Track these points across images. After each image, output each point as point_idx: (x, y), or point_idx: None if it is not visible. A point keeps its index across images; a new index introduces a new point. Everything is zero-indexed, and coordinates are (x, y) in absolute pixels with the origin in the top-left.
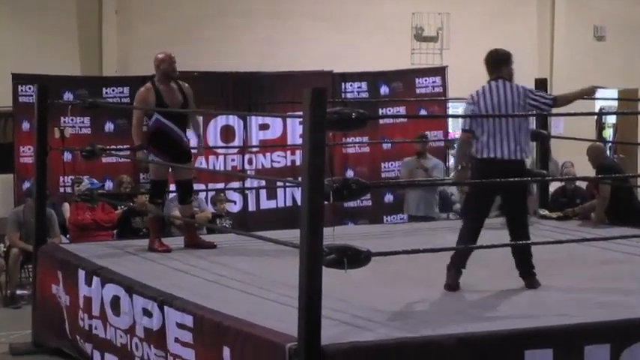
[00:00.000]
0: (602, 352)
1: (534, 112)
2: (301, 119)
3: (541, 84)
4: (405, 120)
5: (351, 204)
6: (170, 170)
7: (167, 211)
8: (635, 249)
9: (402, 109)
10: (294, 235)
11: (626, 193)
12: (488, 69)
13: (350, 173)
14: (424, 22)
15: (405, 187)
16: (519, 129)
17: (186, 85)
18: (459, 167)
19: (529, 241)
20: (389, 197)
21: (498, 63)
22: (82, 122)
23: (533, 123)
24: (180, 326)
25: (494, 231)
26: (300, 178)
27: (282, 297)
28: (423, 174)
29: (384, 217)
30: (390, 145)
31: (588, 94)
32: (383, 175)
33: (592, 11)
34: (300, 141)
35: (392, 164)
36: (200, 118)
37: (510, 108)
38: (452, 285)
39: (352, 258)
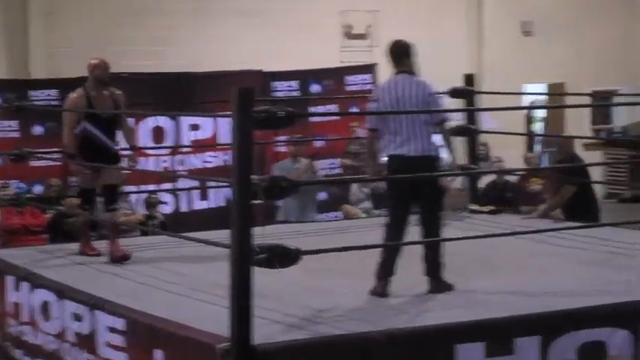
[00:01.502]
0: (532, 344)
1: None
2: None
3: (469, 80)
4: (337, 117)
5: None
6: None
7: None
8: (567, 241)
9: (333, 107)
10: (226, 235)
11: (586, 188)
12: (392, 61)
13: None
14: (353, 19)
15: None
16: (425, 125)
17: (119, 92)
18: (370, 166)
19: (438, 238)
20: (322, 195)
21: (401, 55)
22: (10, 126)
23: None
24: (112, 330)
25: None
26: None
27: (215, 298)
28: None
29: (317, 214)
30: (322, 142)
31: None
32: None
33: (520, 6)
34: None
35: (324, 162)
36: (132, 121)
37: (414, 103)
38: (381, 293)
39: (282, 257)
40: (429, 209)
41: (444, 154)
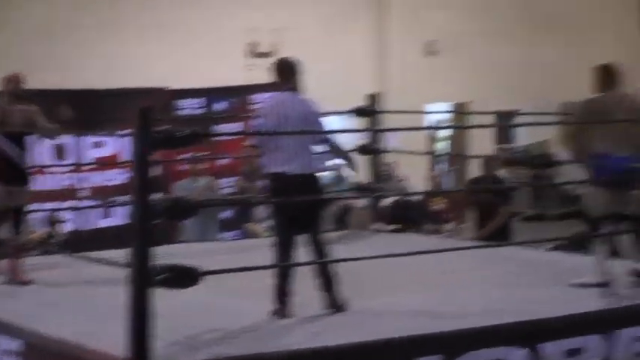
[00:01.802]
0: None
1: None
2: None
3: (373, 99)
4: (241, 136)
5: None
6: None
7: None
8: (472, 260)
9: (237, 125)
10: (127, 254)
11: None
12: (278, 79)
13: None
14: (259, 38)
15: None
16: (307, 142)
17: (35, 107)
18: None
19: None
20: (226, 213)
21: (287, 73)
22: None
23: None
24: (7, 352)
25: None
26: None
27: (115, 319)
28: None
29: (221, 233)
30: (226, 160)
31: None
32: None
33: (424, 26)
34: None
35: (228, 180)
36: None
37: (297, 121)
38: (283, 315)
39: (183, 277)
40: (315, 227)
41: (347, 171)
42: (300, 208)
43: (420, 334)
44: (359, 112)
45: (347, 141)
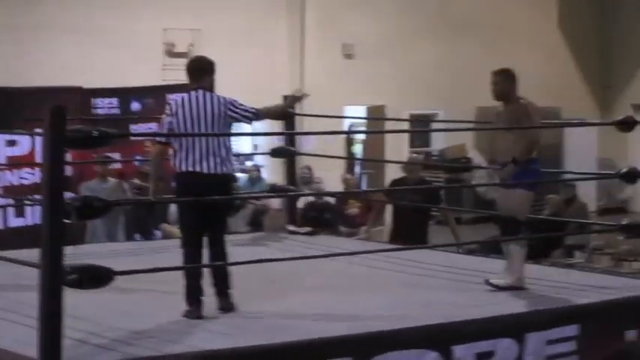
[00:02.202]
0: None
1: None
2: None
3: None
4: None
5: None
6: None
7: None
8: (385, 264)
9: (153, 126)
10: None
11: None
12: (190, 78)
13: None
14: (175, 38)
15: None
16: (219, 142)
17: None
18: (155, 182)
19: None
20: (139, 214)
21: (200, 72)
22: None
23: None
24: None
25: (247, 247)
26: None
27: (26, 318)
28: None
29: (135, 234)
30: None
31: (294, 103)
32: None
33: (341, 29)
34: None
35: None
36: None
37: (210, 120)
38: (196, 316)
39: (94, 277)
40: (217, 228)
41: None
42: (207, 208)
43: (331, 336)
44: None
45: (262, 143)
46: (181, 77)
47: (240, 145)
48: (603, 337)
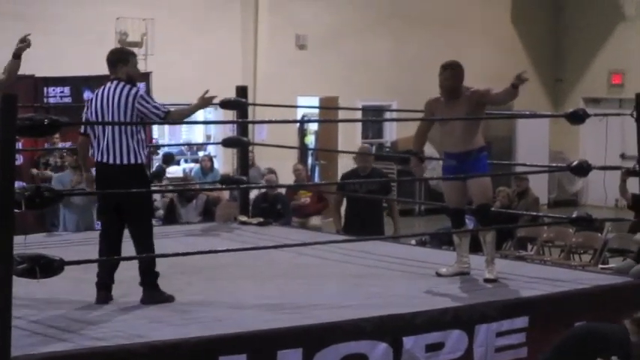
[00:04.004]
0: (294, 357)
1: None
2: None
3: (242, 92)
4: None
5: None
6: None
7: None
8: (336, 255)
9: None
10: None
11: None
12: (108, 69)
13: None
14: (128, 27)
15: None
16: (127, 133)
17: None
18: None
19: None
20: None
21: (116, 62)
22: None
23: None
24: None
25: (198, 237)
26: None
27: None
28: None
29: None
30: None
31: (206, 105)
32: None
33: (294, 20)
34: None
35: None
36: None
37: (116, 111)
38: (103, 302)
39: (45, 267)
40: (132, 220)
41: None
42: (118, 200)
43: (281, 327)
44: (224, 104)
45: (215, 133)
46: None
47: (193, 135)
48: (553, 329)
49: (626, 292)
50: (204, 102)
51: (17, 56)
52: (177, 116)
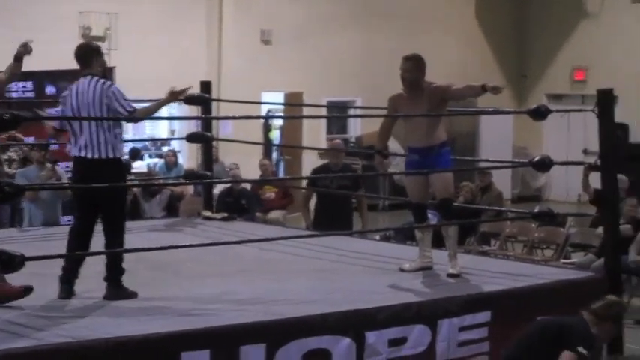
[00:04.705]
0: (257, 352)
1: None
2: None
3: (206, 87)
4: None
5: None
6: None
7: None
8: (301, 250)
9: None
10: None
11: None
12: (79, 64)
13: None
14: (92, 21)
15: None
16: (103, 127)
17: None
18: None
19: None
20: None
21: (86, 58)
22: None
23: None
24: None
25: (162, 233)
26: None
27: None
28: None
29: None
30: (57, 146)
31: (175, 98)
32: None
33: (259, 15)
34: None
35: (60, 165)
36: None
37: (91, 106)
38: (65, 297)
39: (6, 262)
40: (110, 214)
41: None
42: (93, 195)
43: (244, 322)
44: (188, 100)
45: (179, 129)
46: None
47: (158, 130)
48: (514, 324)
49: (587, 286)
50: (173, 96)
51: (18, 59)
52: (144, 113)
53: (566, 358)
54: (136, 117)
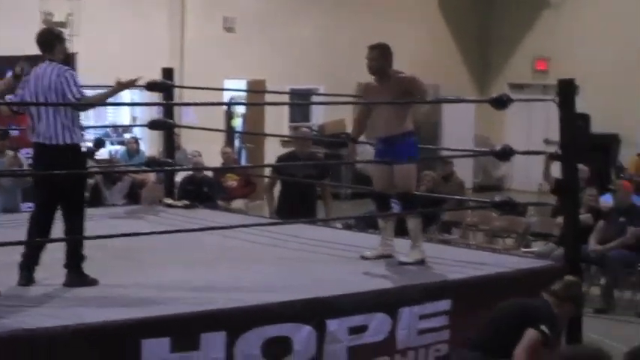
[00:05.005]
0: (217, 339)
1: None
2: None
3: (168, 73)
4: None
5: None
6: None
7: None
8: (263, 238)
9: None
10: None
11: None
12: (40, 50)
13: None
14: (54, 7)
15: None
16: (60, 113)
17: None
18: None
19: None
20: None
21: (47, 43)
22: None
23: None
24: None
25: (123, 220)
26: None
27: None
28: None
29: (21, 204)
30: (18, 132)
31: (125, 88)
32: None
33: (223, 2)
34: None
35: (22, 152)
36: None
37: (47, 92)
38: (25, 284)
39: None
40: (69, 200)
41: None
42: (54, 181)
43: (204, 309)
44: (150, 86)
45: (141, 115)
46: None
47: (119, 117)
48: (475, 312)
49: (547, 275)
50: (121, 86)
51: (16, 77)
52: (92, 101)
53: (529, 335)
54: (82, 104)
